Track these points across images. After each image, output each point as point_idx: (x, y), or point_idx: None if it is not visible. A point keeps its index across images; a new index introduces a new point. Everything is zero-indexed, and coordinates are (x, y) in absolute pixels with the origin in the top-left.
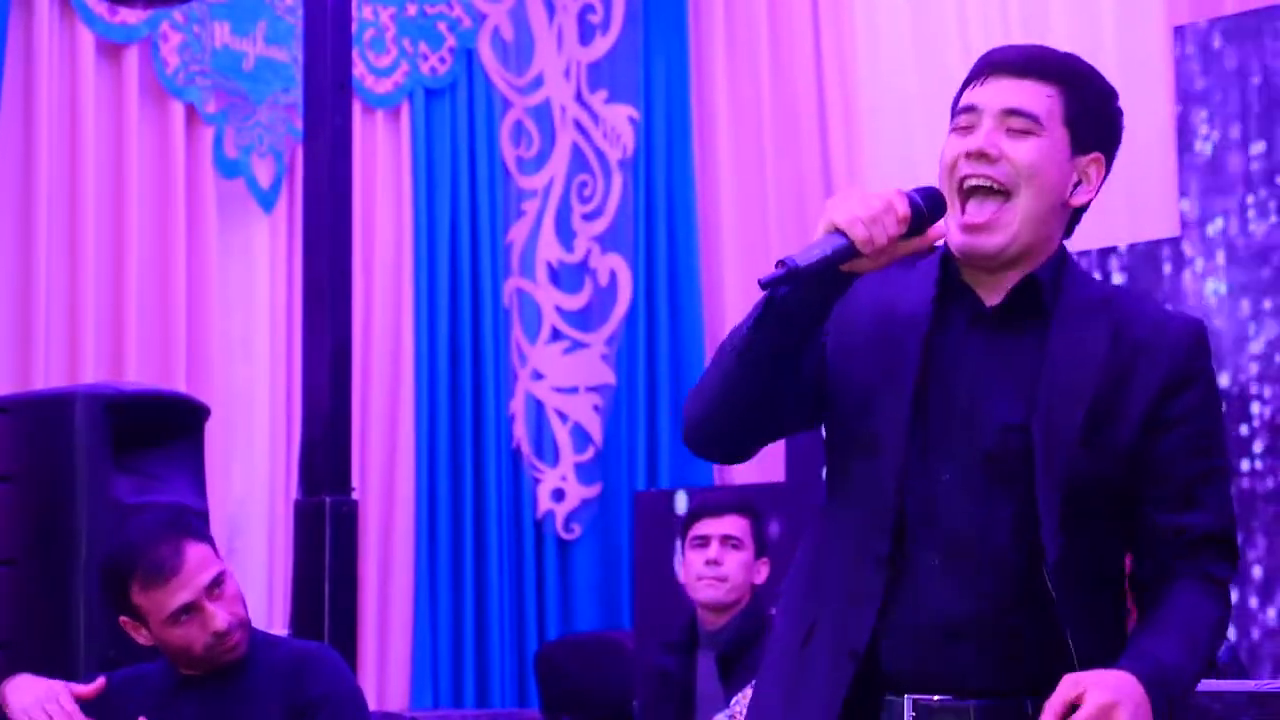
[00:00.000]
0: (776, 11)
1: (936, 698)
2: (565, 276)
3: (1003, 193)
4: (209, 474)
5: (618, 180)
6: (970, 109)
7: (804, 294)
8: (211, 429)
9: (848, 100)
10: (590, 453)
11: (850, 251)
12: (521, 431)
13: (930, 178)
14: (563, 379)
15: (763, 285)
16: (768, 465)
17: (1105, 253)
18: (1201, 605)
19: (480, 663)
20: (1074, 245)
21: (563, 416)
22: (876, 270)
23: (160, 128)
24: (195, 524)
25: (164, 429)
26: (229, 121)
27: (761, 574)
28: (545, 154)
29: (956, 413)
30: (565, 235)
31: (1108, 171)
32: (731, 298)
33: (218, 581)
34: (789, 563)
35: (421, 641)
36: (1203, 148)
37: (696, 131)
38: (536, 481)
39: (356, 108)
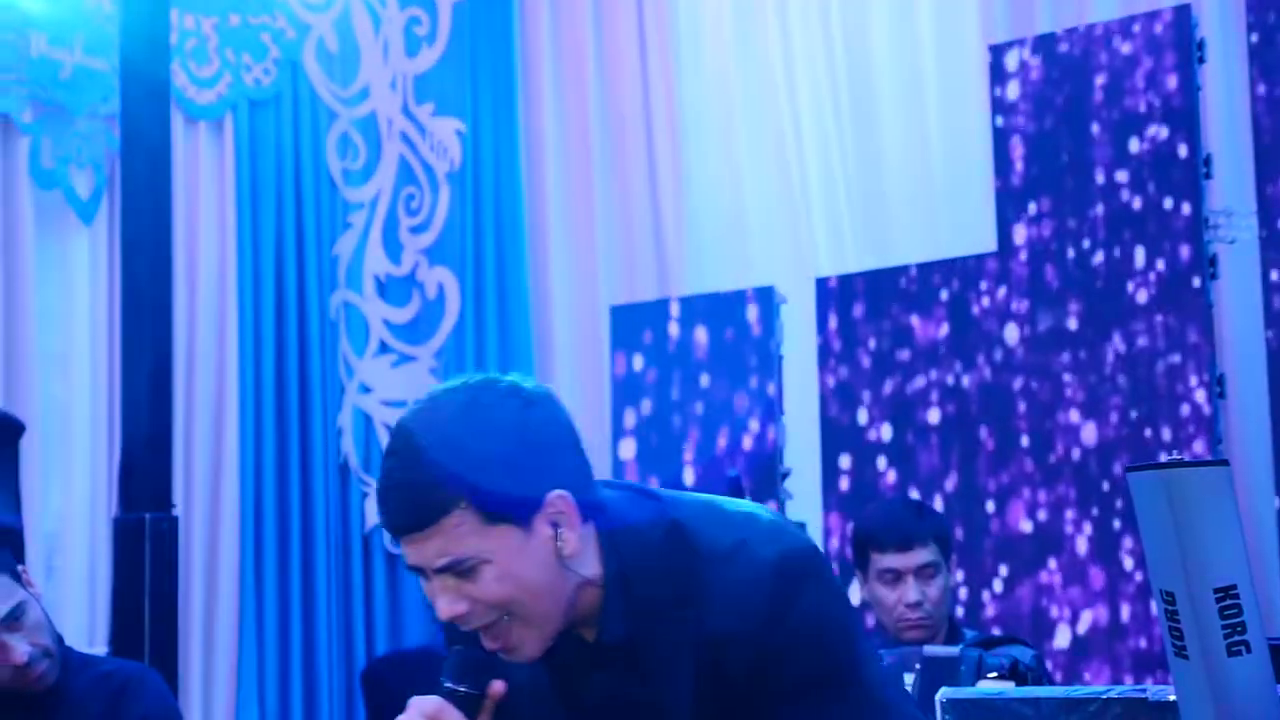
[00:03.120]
0: (603, 25)
1: None
2: (392, 289)
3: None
4: (26, 491)
5: (445, 193)
6: None
7: None
8: (28, 445)
9: (673, 113)
10: None
11: None
12: (349, 445)
13: (754, 181)
14: (391, 392)
15: None
16: None
17: (925, 267)
18: None
19: (308, 679)
20: (898, 258)
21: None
22: None
23: None
24: None
25: None
26: (46, 132)
27: None
28: (372, 166)
29: None
30: (392, 248)
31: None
32: (559, 311)
33: (16, 613)
34: None
35: (248, 658)
36: (1017, 164)
37: (524, 144)
38: (365, 495)
39: (178, 119)
